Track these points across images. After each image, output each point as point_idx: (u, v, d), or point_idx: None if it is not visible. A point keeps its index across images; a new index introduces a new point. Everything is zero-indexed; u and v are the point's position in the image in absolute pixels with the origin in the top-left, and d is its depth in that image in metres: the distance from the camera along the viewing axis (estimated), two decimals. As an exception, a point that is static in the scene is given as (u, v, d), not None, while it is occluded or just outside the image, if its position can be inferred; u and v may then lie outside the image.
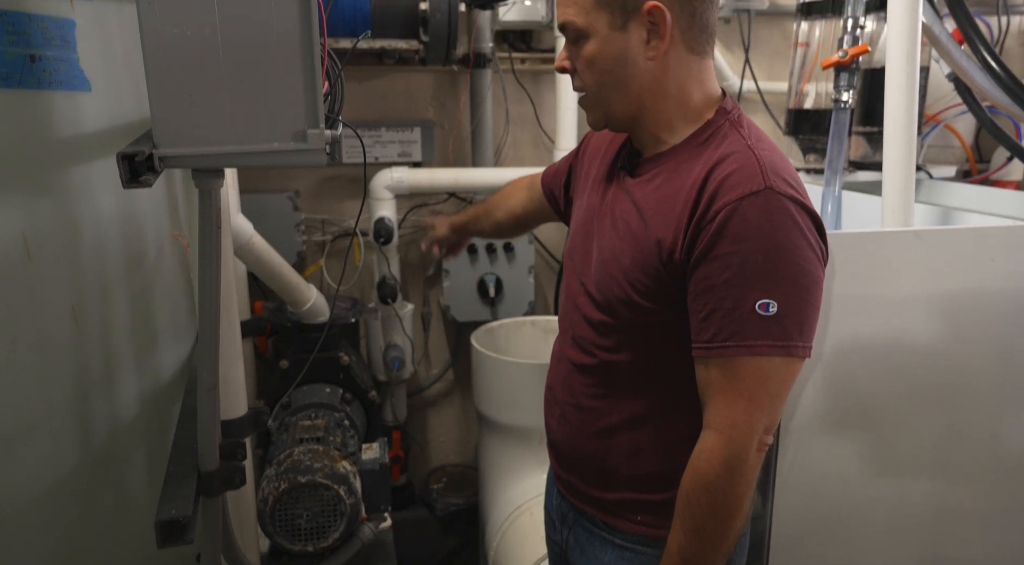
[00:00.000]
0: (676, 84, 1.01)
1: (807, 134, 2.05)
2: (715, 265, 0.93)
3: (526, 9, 2.24)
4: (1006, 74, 1.61)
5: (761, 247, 0.91)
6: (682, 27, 0.98)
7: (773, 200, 0.92)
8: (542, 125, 2.41)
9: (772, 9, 2.39)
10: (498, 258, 2.30)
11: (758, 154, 0.96)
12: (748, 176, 0.93)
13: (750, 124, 1.03)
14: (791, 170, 0.98)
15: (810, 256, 0.93)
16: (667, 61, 0.99)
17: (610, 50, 0.99)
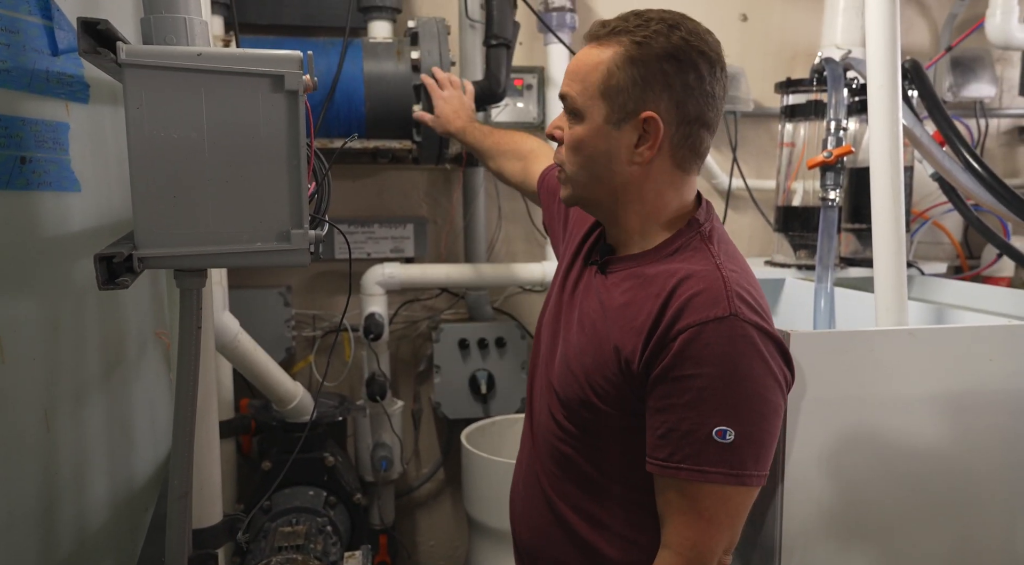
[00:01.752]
0: (654, 192, 1.02)
1: (797, 231, 2.07)
2: (676, 386, 0.92)
3: (518, 110, 2.31)
4: (988, 174, 1.63)
5: (723, 374, 0.91)
6: (673, 143, 0.99)
7: (737, 327, 0.91)
8: (534, 221, 2.44)
9: (757, 110, 2.47)
10: (490, 353, 2.27)
11: (725, 275, 0.95)
12: (713, 299, 0.92)
13: (721, 238, 1.03)
14: (757, 291, 0.98)
15: (771, 385, 0.93)
16: (650, 169, 1.00)
17: (598, 141, 1.00)
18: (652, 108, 0.96)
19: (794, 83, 2.03)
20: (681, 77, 0.95)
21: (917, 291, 2.02)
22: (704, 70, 0.96)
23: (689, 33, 0.97)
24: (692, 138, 0.99)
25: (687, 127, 0.97)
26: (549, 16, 2.20)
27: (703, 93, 0.97)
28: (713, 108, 0.99)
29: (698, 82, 0.96)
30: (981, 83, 2.58)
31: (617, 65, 0.97)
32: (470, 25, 2.18)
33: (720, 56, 0.99)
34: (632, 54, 0.96)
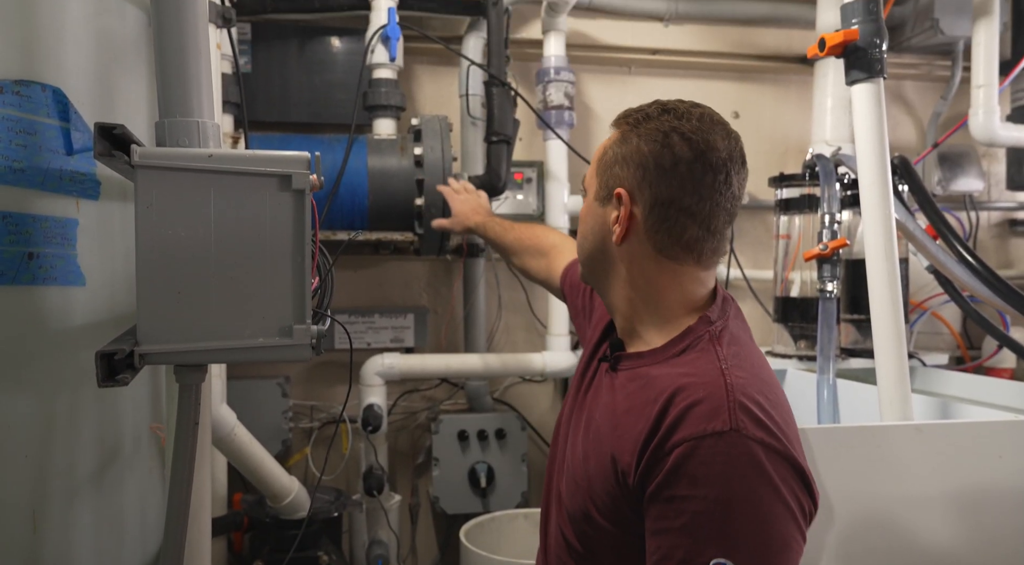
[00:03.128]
0: (642, 278, 0.97)
1: (796, 321, 2.08)
2: (670, 507, 0.83)
3: (518, 203, 2.36)
4: (982, 266, 1.65)
5: (720, 498, 0.80)
6: (648, 225, 0.95)
7: (738, 444, 0.81)
8: (534, 311, 2.45)
9: (753, 203, 2.52)
10: (490, 445, 2.23)
11: (730, 382, 0.86)
12: (713, 411, 0.83)
13: (734, 339, 0.94)
14: (773, 403, 0.87)
15: (780, 514, 0.81)
16: (631, 251, 0.96)
17: (590, 216, 1.02)
18: (624, 185, 0.95)
19: (787, 178, 2.09)
20: (656, 158, 0.93)
21: (919, 383, 2.00)
22: (686, 155, 0.91)
23: (684, 119, 0.94)
24: (669, 223, 0.93)
25: (662, 210, 0.93)
26: (548, 114, 2.28)
27: (681, 177, 0.92)
28: (695, 195, 0.92)
29: (674, 166, 0.92)
30: (969, 178, 2.65)
31: (611, 145, 0.99)
32: (472, 122, 2.26)
33: (717, 148, 0.92)
34: (624, 135, 0.97)
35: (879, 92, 1.38)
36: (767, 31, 2.62)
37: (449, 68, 2.37)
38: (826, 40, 1.39)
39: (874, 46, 1.36)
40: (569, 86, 2.28)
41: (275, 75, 2.19)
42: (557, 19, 2.26)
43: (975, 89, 2.38)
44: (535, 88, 2.34)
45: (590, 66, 2.53)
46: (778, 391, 0.91)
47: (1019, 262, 2.84)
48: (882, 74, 1.38)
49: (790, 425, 0.88)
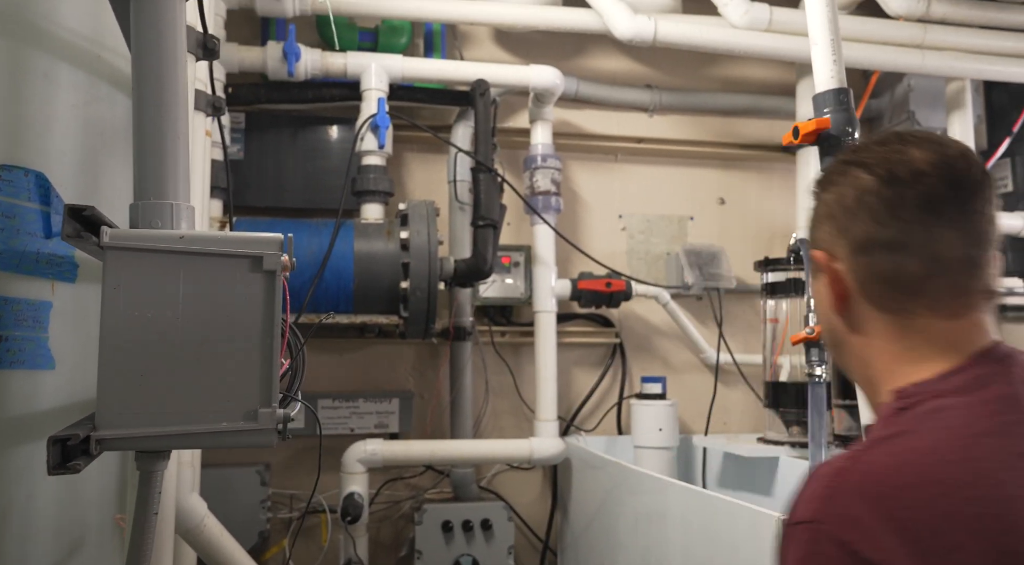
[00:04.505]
0: (875, 349, 0.79)
1: (787, 406, 2.04)
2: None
3: (506, 287, 2.36)
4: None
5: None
6: (859, 280, 0.79)
7: (814, 543, 0.67)
8: (522, 395, 2.41)
9: (740, 287, 2.53)
10: (475, 537, 2.14)
11: (853, 465, 0.70)
12: (808, 496, 0.70)
13: (924, 416, 0.73)
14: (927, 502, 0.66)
15: None
16: (856, 320, 0.80)
17: (815, 297, 0.87)
18: (821, 246, 0.83)
19: (772, 262, 2.10)
20: (840, 201, 0.80)
21: (917, 470, 1.95)
22: (870, 184, 0.78)
23: (863, 151, 0.82)
24: (876, 267, 0.78)
25: (862, 255, 0.78)
26: (535, 199, 2.31)
27: (871, 210, 0.77)
28: (897, 223, 0.76)
29: (859, 200, 0.78)
30: (954, 262, 2.66)
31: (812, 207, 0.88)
32: (460, 207, 2.29)
33: (912, 162, 0.77)
34: (814, 198, 0.86)
35: (853, 178, 1.40)
36: (749, 121, 2.70)
37: (438, 155, 2.43)
38: (799, 129, 1.43)
39: (846, 134, 1.39)
40: (556, 172, 2.33)
41: (268, 162, 2.24)
42: (543, 109, 2.33)
43: (954, 176, 2.42)
44: (523, 174, 2.38)
45: (577, 153, 2.59)
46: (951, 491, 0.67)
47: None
48: (855, 161, 1.40)
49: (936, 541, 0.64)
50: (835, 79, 1.42)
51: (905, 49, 2.20)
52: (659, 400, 2.18)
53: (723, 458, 2.21)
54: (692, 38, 2.11)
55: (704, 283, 2.46)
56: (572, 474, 2.25)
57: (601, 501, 2.04)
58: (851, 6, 2.33)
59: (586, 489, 2.16)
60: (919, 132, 0.81)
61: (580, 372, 2.53)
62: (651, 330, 2.59)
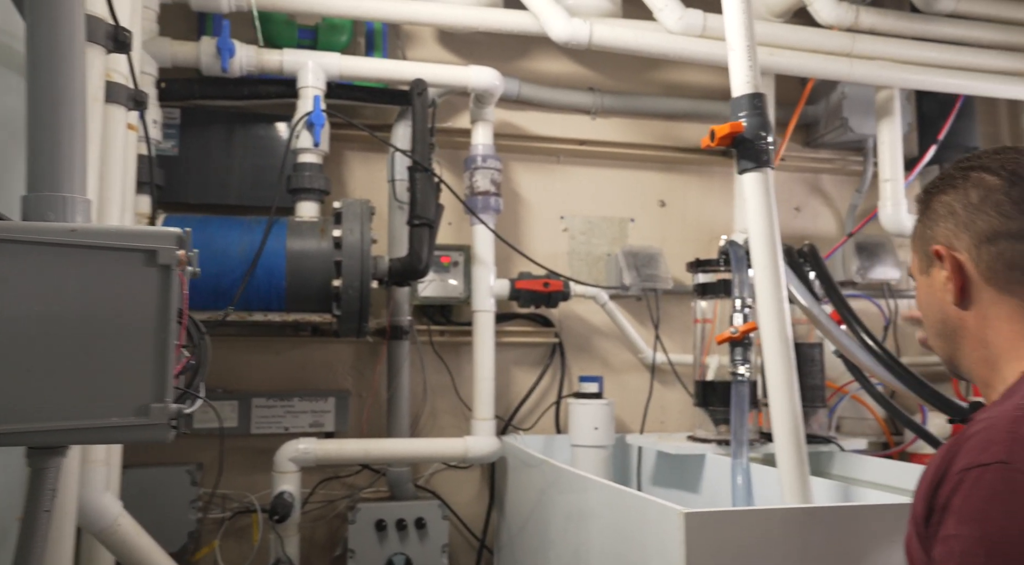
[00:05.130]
0: (993, 331, 0.90)
1: (715, 405, 2.08)
2: (943, 548, 0.77)
3: (445, 286, 2.37)
4: (883, 351, 1.69)
5: (983, 537, 0.73)
6: (981, 269, 0.91)
7: (1007, 478, 0.73)
8: (460, 395, 2.42)
9: (678, 288, 2.56)
10: (409, 536, 2.14)
11: (1019, 415, 0.78)
12: (986, 442, 0.77)
13: None
14: None
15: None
16: (976, 306, 0.91)
17: (922, 294, 0.99)
18: (940, 240, 0.94)
19: (703, 263, 2.14)
20: (963, 200, 0.92)
21: (838, 468, 2.00)
22: (995, 183, 0.91)
23: (982, 157, 0.94)
24: (1005, 255, 0.89)
25: (989, 246, 0.89)
26: (475, 200, 2.32)
27: (998, 205, 0.90)
28: (1018, 218, 0.89)
29: (985, 198, 0.90)
30: (885, 267, 2.74)
31: (917, 221, 1.00)
32: (399, 207, 2.29)
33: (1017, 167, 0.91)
34: (925, 204, 0.99)
35: (767, 181, 1.44)
36: (690, 125, 2.74)
37: (379, 154, 2.43)
38: (715, 132, 1.46)
39: (760, 138, 1.43)
40: (495, 173, 2.34)
41: (204, 158, 2.22)
42: (484, 110, 2.34)
43: (883, 183, 2.50)
44: (463, 174, 2.39)
45: (519, 154, 2.61)
46: None
47: (940, 348, 2.91)
48: (768, 165, 1.44)
49: None
50: (750, 84, 1.46)
51: (835, 57, 2.26)
52: (596, 399, 2.20)
53: (656, 456, 2.25)
54: (627, 42, 2.14)
55: (642, 284, 2.50)
56: (508, 473, 2.26)
57: (536, 500, 2.05)
58: (787, 14, 2.38)
59: (521, 488, 2.17)
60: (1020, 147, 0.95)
61: (520, 371, 2.55)
62: (591, 330, 2.62)
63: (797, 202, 2.88)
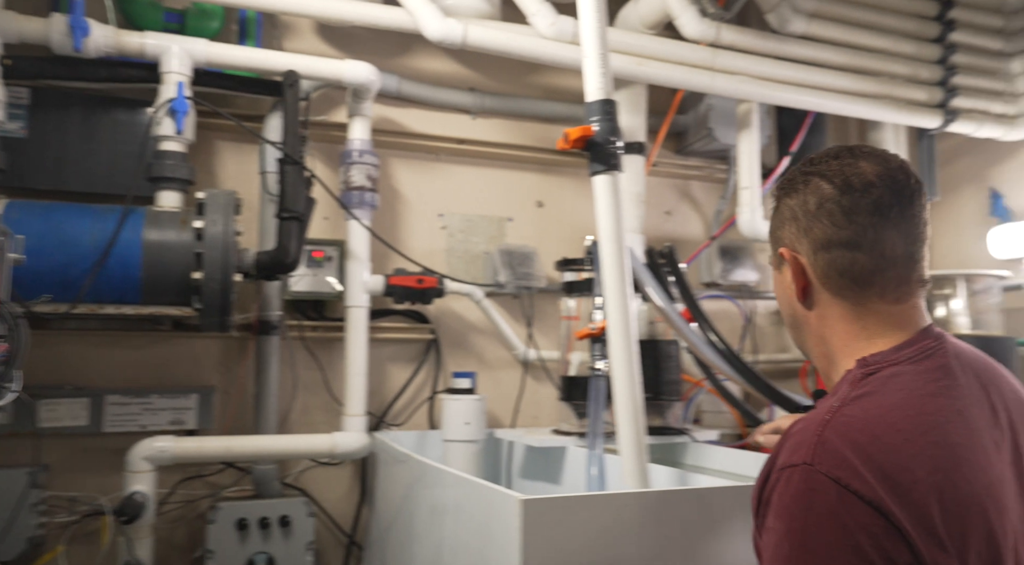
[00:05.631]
0: (830, 329, 0.98)
1: (578, 399, 2.15)
2: (764, 540, 0.86)
3: (318, 281, 2.34)
4: (727, 350, 1.81)
5: (788, 533, 0.81)
6: (819, 274, 0.97)
7: (810, 480, 0.80)
8: (332, 391, 2.39)
9: (551, 287, 2.63)
10: (272, 534, 2.11)
11: (827, 419, 0.85)
12: (798, 443, 0.84)
13: (881, 379, 0.90)
14: (889, 448, 0.82)
15: (846, 559, 0.77)
16: (816, 305, 0.98)
17: (777, 289, 1.06)
18: (785, 243, 1.00)
19: (570, 262, 2.21)
20: (803, 207, 0.97)
21: (690, 458, 2.12)
22: (829, 192, 0.95)
23: (821, 163, 0.98)
24: (836, 262, 0.95)
25: (824, 252, 0.95)
26: (350, 195, 2.31)
27: (830, 214, 0.94)
28: (852, 226, 0.93)
29: (820, 206, 0.95)
30: (745, 269, 2.92)
31: (771, 218, 1.05)
32: (271, 199, 2.25)
33: (864, 174, 0.94)
34: (777, 201, 1.04)
35: (616, 184, 1.51)
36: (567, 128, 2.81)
37: (252, 145, 2.37)
38: (569, 135, 1.52)
39: (609, 142, 1.50)
40: (372, 169, 2.34)
41: (57, 142, 2.10)
42: (361, 105, 2.33)
43: (741, 190, 2.66)
44: (339, 169, 2.37)
45: (399, 151, 2.61)
46: (912, 438, 0.83)
47: (793, 347, 3.11)
48: (617, 168, 1.51)
49: (910, 478, 0.80)
50: (602, 90, 1.52)
51: (698, 70, 2.38)
52: (468, 395, 2.23)
53: (524, 450, 2.30)
54: (501, 44, 2.18)
55: (517, 282, 2.55)
56: (378, 469, 2.26)
57: (403, 495, 2.06)
58: (658, 26, 2.49)
59: (391, 484, 2.17)
60: (865, 147, 0.99)
61: (395, 368, 2.55)
62: (467, 327, 2.65)
63: (668, 206, 3.02)
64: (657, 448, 2.11)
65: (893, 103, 2.59)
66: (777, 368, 3.04)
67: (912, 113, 2.61)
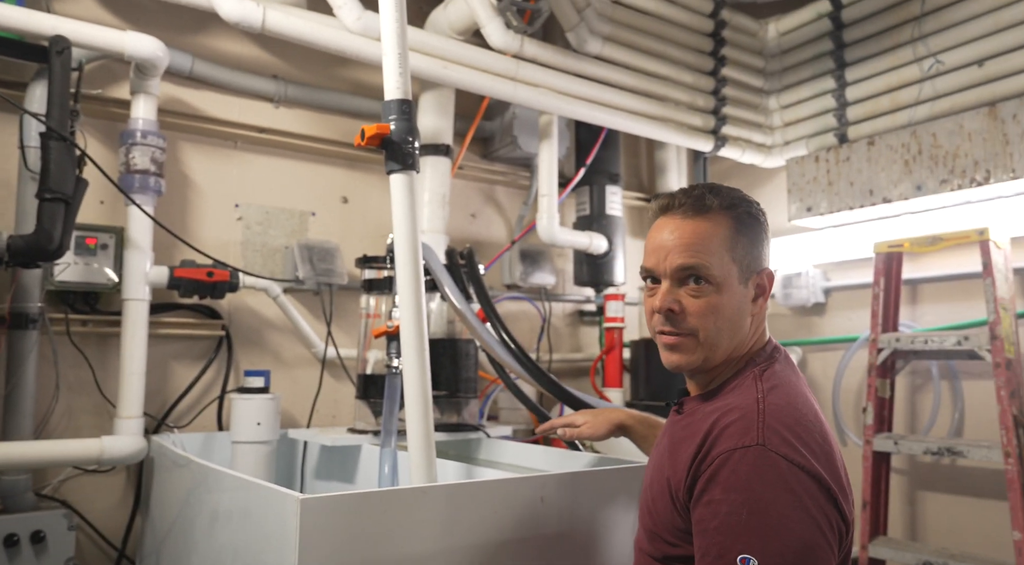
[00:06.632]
0: (752, 336, 1.16)
1: (375, 397, 2.14)
2: (707, 510, 0.98)
3: (90, 271, 2.13)
4: (519, 350, 1.89)
5: (746, 501, 0.94)
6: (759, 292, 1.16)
7: (764, 457, 0.96)
8: (105, 392, 2.19)
9: (353, 284, 2.60)
10: (21, 552, 1.88)
11: (763, 408, 1.02)
12: (744, 429, 1.00)
13: (775, 374, 1.11)
14: (807, 429, 1.01)
15: (801, 518, 0.94)
16: (759, 317, 1.16)
17: (735, 301, 1.12)
18: (765, 265, 1.16)
19: (370, 260, 2.20)
20: (766, 233, 1.17)
21: (484, 453, 2.19)
22: (765, 226, 1.18)
23: (747, 198, 1.17)
24: (763, 286, 1.16)
25: (769, 273, 1.17)
26: (130, 178, 2.13)
27: (768, 242, 1.19)
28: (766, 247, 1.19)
29: (767, 235, 1.18)
30: (544, 273, 3.07)
31: (736, 231, 1.12)
32: (32, 177, 2.01)
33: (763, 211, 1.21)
34: (743, 221, 1.13)
35: (411, 183, 1.52)
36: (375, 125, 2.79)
37: (12, 115, 2.11)
38: (365, 132, 1.51)
39: (406, 142, 1.51)
40: (157, 152, 2.17)
41: None
42: (147, 82, 2.16)
43: (541, 197, 2.80)
44: (119, 150, 2.18)
45: (191, 135, 2.45)
46: (814, 421, 1.04)
47: (587, 347, 3.33)
48: (414, 168, 1.52)
49: (823, 451, 1.01)
50: (400, 90, 1.53)
51: (503, 79, 2.47)
52: (261, 394, 2.14)
53: (319, 450, 2.25)
54: (303, 33, 2.12)
55: (317, 278, 2.49)
56: (156, 475, 2.10)
57: (183, 501, 1.93)
58: (467, 33, 2.55)
59: (169, 490, 2.03)
60: None
61: (180, 366, 2.38)
62: (263, 323, 2.54)
63: (473, 209, 3.09)
64: (452, 444, 2.16)
65: (675, 126, 2.85)
66: (571, 366, 3.23)
67: (690, 137, 2.89)
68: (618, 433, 1.56)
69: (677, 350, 1.13)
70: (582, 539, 1.50)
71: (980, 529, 2.53)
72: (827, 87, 2.90)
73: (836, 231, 2.98)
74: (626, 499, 1.56)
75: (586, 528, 1.50)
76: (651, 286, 1.16)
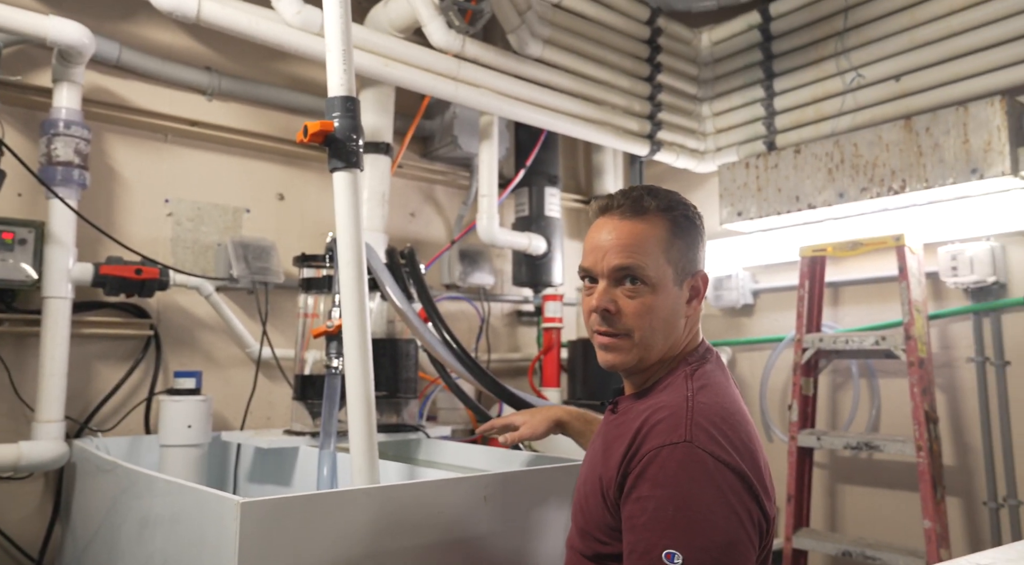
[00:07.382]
0: (685, 337, 1.18)
1: (313, 398, 2.11)
2: (636, 506, 1.00)
3: (6, 266, 2.02)
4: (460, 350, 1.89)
5: (673, 497, 0.97)
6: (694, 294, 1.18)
7: (690, 453, 0.98)
8: (21, 395, 2.08)
9: (290, 283, 2.54)
10: (-70, 566, 1.77)
11: (691, 406, 1.04)
12: (672, 427, 1.02)
13: (706, 374, 1.13)
14: (733, 427, 1.04)
15: (725, 514, 0.96)
16: (695, 316, 1.18)
17: (670, 302, 1.13)
18: (700, 267, 1.18)
19: (309, 258, 2.16)
20: (702, 237, 1.19)
21: (423, 453, 2.18)
22: (701, 231, 1.20)
23: (685, 202, 1.19)
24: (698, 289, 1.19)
25: (704, 275, 1.19)
26: (52, 170, 2.03)
27: (704, 245, 1.20)
28: (702, 250, 1.20)
29: (703, 239, 1.20)
30: (483, 273, 3.08)
31: (673, 233, 1.14)
32: (-57, 168, 1.89)
33: None
34: (680, 224, 1.15)
35: (355, 181, 1.51)
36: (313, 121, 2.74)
37: (-80, 101, 1.98)
38: (308, 128, 1.49)
39: (350, 140, 1.50)
40: (82, 143, 2.07)
41: None
42: (70, 70, 2.06)
43: (481, 198, 2.81)
44: (40, 140, 2.07)
45: (118, 126, 2.35)
46: (740, 420, 1.07)
47: (524, 346, 3.36)
48: (357, 166, 1.51)
49: (747, 448, 1.03)
50: (344, 87, 1.52)
51: (444, 79, 2.46)
52: (191, 395, 2.07)
53: (254, 453, 2.20)
54: (241, 25, 2.07)
55: (252, 277, 2.43)
56: (78, 481, 2.01)
57: (108, 508, 1.85)
58: (408, 31, 2.53)
59: (92, 496, 1.94)
60: None
61: (105, 367, 2.29)
62: (194, 323, 2.47)
63: (413, 208, 3.07)
64: (392, 445, 2.15)
65: (612, 130, 2.91)
66: (509, 366, 3.24)
67: (627, 140, 2.95)
68: (557, 430, 1.59)
69: (612, 350, 1.14)
70: (517, 538, 1.51)
71: (895, 519, 2.67)
72: (757, 96, 3.01)
73: (765, 235, 3.09)
74: (562, 497, 1.58)
75: (521, 527, 1.51)
76: (589, 286, 1.18)
